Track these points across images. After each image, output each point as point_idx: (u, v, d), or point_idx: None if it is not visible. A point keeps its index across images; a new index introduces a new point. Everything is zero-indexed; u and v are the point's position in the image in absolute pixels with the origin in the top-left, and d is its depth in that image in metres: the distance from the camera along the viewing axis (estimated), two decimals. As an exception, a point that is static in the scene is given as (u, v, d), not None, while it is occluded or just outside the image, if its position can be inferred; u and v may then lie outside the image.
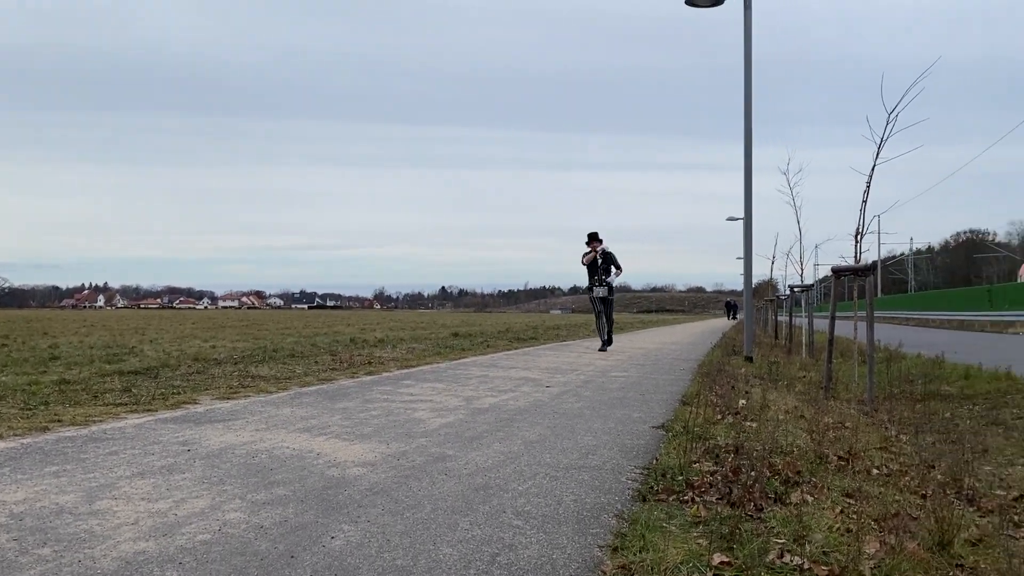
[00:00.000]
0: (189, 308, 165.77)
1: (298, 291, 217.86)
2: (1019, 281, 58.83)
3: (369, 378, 8.56)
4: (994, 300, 35.92)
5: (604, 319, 14.10)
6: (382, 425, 5.15)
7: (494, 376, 8.82)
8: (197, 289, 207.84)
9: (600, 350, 13.91)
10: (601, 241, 13.65)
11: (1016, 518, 3.91)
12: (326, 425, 5.11)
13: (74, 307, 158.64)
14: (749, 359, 12.44)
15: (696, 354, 14.55)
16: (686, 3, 11.95)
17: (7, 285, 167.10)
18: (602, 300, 13.84)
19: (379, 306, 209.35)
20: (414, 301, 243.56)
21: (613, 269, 13.83)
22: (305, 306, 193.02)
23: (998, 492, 4.46)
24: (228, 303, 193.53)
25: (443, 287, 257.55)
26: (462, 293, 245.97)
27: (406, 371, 9.45)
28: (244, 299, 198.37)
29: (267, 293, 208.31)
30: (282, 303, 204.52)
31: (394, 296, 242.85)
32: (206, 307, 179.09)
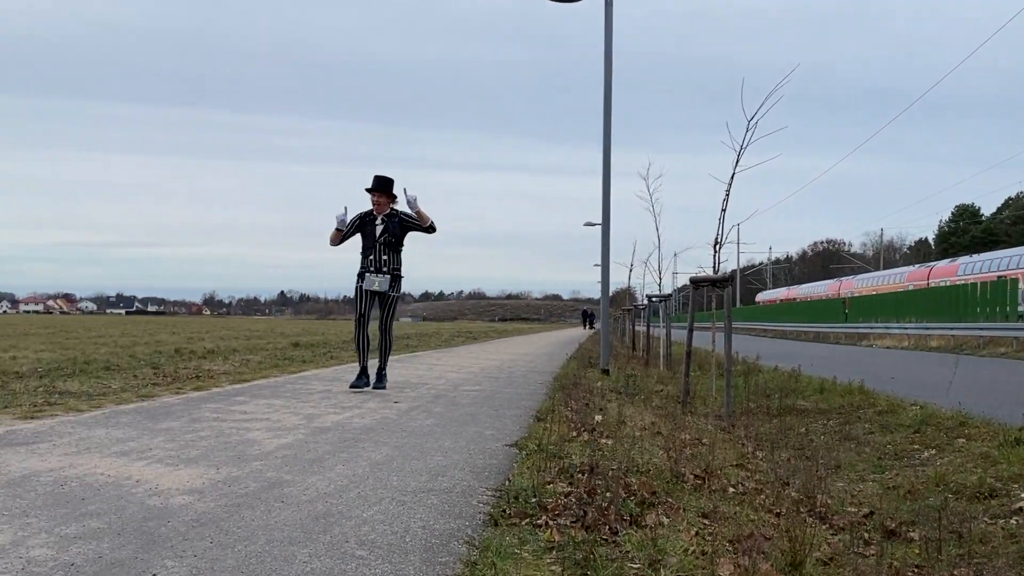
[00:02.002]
0: None
1: (114, 294, 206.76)
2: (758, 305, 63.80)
3: (197, 394, 8.35)
4: (849, 312, 38.98)
5: (366, 333, 8.91)
6: (211, 447, 5.05)
7: (337, 391, 8.77)
8: None
9: (354, 386, 8.64)
10: (395, 197, 8.77)
11: (866, 535, 4.16)
12: (147, 448, 4.97)
13: None
14: (606, 372, 12.75)
15: (552, 366, 14.77)
16: None
17: None
18: (377, 297, 8.78)
19: (209, 312, 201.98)
20: (249, 307, 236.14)
21: (417, 234, 8.95)
22: (123, 311, 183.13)
23: (849, 509, 4.77)
24: (32, 307, 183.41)
25: (282, 291, 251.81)
26: (303, 298, 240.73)
27: (239, 386, 9.26)
28: (50, 303, 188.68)
29: (77, 296, 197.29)
30: (95, 307, 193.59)
31: (226, 301, 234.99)
32: (5, 311, 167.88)
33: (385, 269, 8.63)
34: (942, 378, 10.92)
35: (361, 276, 8.69)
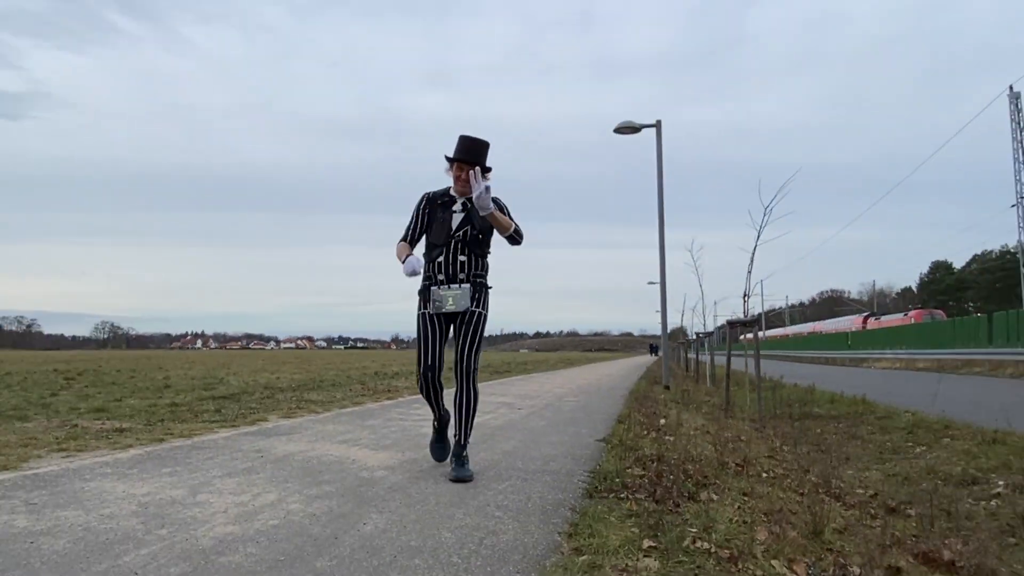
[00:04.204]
0: (260, 349, 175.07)
1: (337, 335, 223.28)
2: None
3: (389, 402, 8.53)
4: (851, 342, 37.67)
5: (439, 384, 3.99)
6: (399, 438, 5.10)
7: (481, 400, 8.45)
8: (266, 335, 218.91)
9: (437, 455, 4.31)
10: (488, 171, 3.89)
11: (872, 511, 3.92)
12: (358, 438, 5.11)
13: (180, 349, 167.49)
14: (667, 387, 12.64)
15: (627, 384, 14.58)
16: (614, 131, 13.30)
17: (133, 332, 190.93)
18: (452, 322, 4.00)
19: (395, 347, 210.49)
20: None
21: (502, 236, 3.97)
22: (342, 347, 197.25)
23: (858, 491, 4.48)
24: (288, 345, 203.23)
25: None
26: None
27: (415, 397, 9.14)
28: (299, 342, 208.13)
29: (315, 337, 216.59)
30: (325, 344, 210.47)
31: (406, 340, 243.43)
32: (272, 348, 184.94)
33: (462, 275, 3.95)
34: (929, 392, 10.58)
35: (425, 295, 4.00)
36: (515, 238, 3.96)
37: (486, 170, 3.86)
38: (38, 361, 28.28)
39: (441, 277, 3.91)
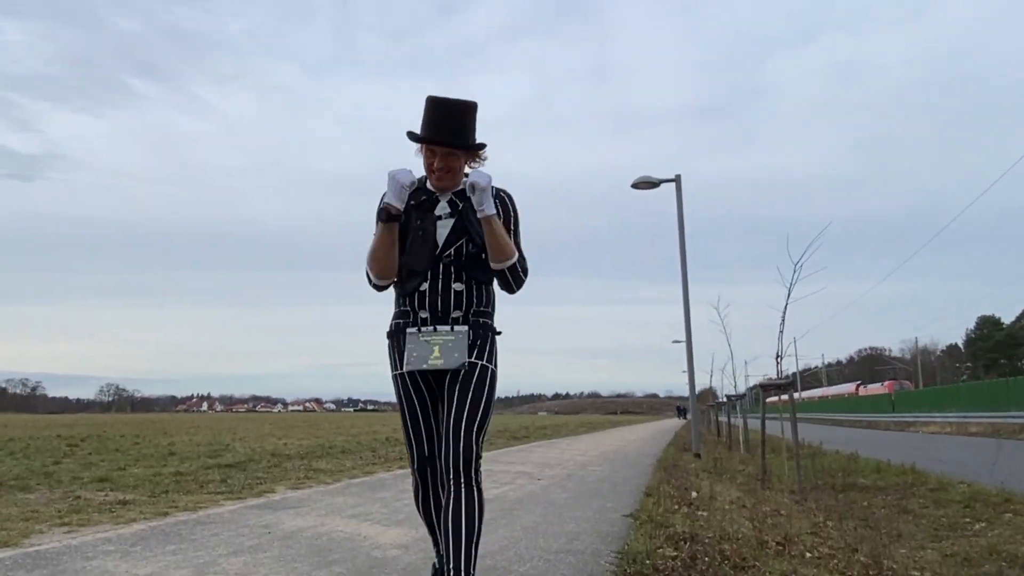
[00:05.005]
0: (267, 411, 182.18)
1: (346, 397, 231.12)
2: None
3: (401, 471, 8.66)
4: (896, 404, 36.96)
5: (437, 484, 2.70)
6: (412, 513, 4.65)
7: (497, 470, 8.85)
8: (274, 397, 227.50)
9: None
10: (480, 150, 2.60)
11: None
12: (369, 512, 5.16)
13: (185, 411, 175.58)
14: (697, 455, 12.68)
15: (655, 450, 14.61)
16: (632, 187, 13.38)
17: (138, 394, 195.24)
18: (436, 380, 2.63)
19: None
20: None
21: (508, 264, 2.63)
22: (351, 409, 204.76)
23: (913, 573, 4.31)
24: (295, 408, 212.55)
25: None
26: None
27: None
28: (307, 404, 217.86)
29: (323, 400, 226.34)
30: (334, 407, 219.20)
31: None
32: (279, 411, 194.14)
33: (458, 313, 2.62)
34: (985, 460, 10.27)
35: (397, 337, 2.70)
36: (514, 276, 2.66)
37: (478, 148, 2.61)
38: (41, 426, 28.70)
39: (424, 315, 2.60)
